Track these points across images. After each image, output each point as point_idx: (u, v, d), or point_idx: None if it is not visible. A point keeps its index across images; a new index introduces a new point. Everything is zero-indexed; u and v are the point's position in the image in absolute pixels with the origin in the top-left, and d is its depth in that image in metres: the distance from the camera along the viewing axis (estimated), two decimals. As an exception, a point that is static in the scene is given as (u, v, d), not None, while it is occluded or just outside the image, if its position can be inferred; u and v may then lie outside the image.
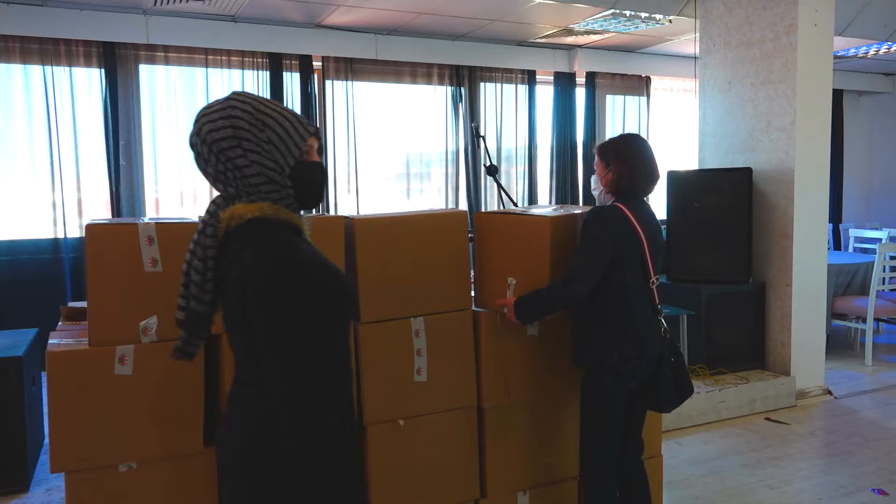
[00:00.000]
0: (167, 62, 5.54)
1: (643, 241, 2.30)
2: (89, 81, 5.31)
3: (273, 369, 1.36)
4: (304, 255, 1.41)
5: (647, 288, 2.34)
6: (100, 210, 5.38)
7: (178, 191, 5.68)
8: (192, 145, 1.47)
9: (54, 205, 5.22)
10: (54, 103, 5.17)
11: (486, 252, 2.51)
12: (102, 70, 5.28)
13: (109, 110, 5.31)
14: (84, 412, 1.93)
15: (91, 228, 1.95)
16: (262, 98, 1.51)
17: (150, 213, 5.56)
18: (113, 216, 5.35)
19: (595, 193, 2.48)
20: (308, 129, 1.50)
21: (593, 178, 2.47)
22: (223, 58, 5.65)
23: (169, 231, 2.00)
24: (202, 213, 1.52)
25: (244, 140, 1.43)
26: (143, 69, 5.49)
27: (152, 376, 1.98)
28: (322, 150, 1.60)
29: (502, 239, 2.46)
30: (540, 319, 2.44)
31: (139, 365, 1.97)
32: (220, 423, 1.53)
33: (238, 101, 1.47)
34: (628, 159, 2.35)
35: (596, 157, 2.44)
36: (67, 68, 5.21)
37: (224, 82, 5.70)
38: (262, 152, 1.44)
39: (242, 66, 5.73)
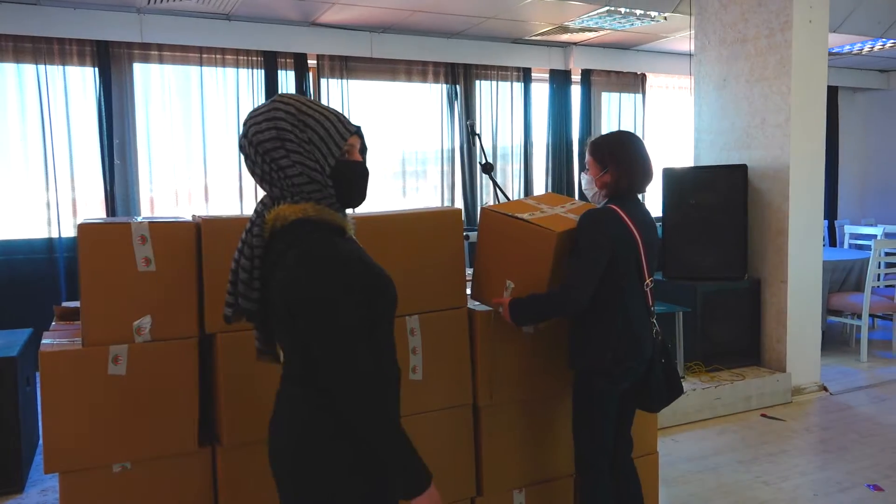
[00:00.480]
0: (161, 61, 5.52)
1: (639, 243, 2.29)
2: (83, 80, 5.29)
3: (326, 363, 1.40)
4: (346, 255, 1.44)
5: (641, 290, 2.34)
6: (94, 210, 5.36)
7: (174, 190, 5.66)
8: (241, 147, 1.53)
9: (48, 204, 5.21)
10: (48, 102, 5.15)
11: (488, 250, 2.42)
12: (96, 69, 5.26)
13: (104, 109, 5.29)
14: (78, 412, 1.92)
15: (83, 228, 1.95)
16: (307, 98, 1.55)
17: (146, 213, 5.55)
18: (108, 216, 5.33)
19: (588, 194, 2.44)
20: (349, 127, 1.53)
21: (585, 179, 2.42)
22: (217, 56, 5.64)
23: (162, 230, 1.99)
24: (252, 214, 1.55)
25: (287, 141, 1.47)
26: (138, 68, 5.47)
27: (146, 376, 1.97)
28: (365, 148, 1.64)
29: (506, 241, 2.38)
30: (535, 324, 2.41)
31: (133, 365, 1.96)
32: (270, 421, 1.58)
33: (281, 103, 1.50)
34: (624, 160, 2.32)
35: (588, 156, 2.39)
36: (61, 67, 5.19)
37: (219, 81, 5.69)
38: (303, 152, 1.48)
39: (237, 65, 5.71)
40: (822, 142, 4.91)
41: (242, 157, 1.54)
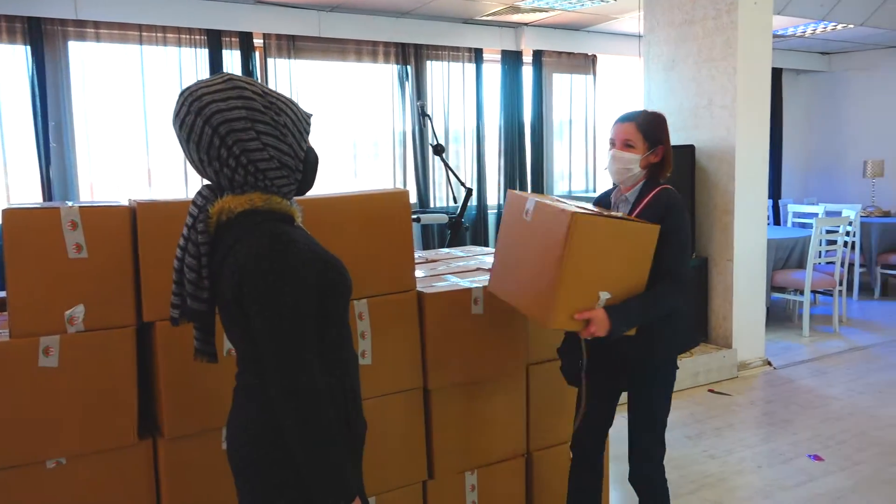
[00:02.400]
0: (98, 39, 5.29)
1: None
2: (14, 59, 5.04)
3: (273, 363, 1.35)
4: (299, 245, 1.38)
5: None
6: (31, 195, 5.14)
7: (115, 174, 5.47)
8: (189, 126, 1.38)
9: (-21, 190, 4.98)
10: (-23, 82, 4.90)
11: (578, 262, 2.00)
12: (28, 47, 5.02)
13: (37, 90, 5.06)
14: (7, 407, 1.83)
15: (8, 213, 1.84)
16: (256, 81, 1.47)
17: (86, 198, 5.34)
18: (44, 200, 5.12)
19: (622, 175, 2.25)
20: (307, 112, 1.50)
21: (620, 156, 2.23)
22: (159, 34, 5.44)
23: (94, 215, 1.90)
24: (190, 207, 1.46)
25: (258, 122, 1.39)
26: (73, 46, 5.24)
27: (80, 368, 1.89)
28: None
29: (600, 246, 2.04)
30: (639, 325, 2.14)
31: (65, 356, 1.87)
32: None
33: (243, 82, 1.41)
34: (669, 144, 2.26)
35: (635, 131, 2.23)
36: (-10, 45, 4.94)
37: (160, 60, 5.49)
38: (278, 136, 1.41)
39: (179, 44, 5.52)
40: (767, 123, 5.01)
41: (182, 137, 1.40)
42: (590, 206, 2.27)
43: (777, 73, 8.70)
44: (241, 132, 1.37)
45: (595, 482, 2.44)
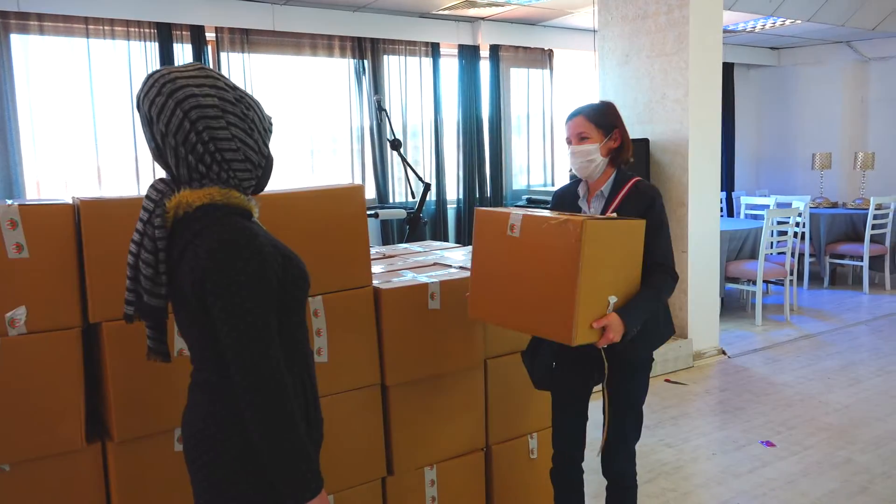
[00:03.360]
0: (42, 31, 5.12)
1: None
2: (-47, 53, 4.86)
3: (238, 358, 1.33)
4: (260, 240, 1.37)
5: None
6: (-27, 193, 4.96)
7: (63, 172, 5.30)
8: (160, 107, 1.35)
9: (-82, 189, 4.78)
10: (-88, 77, 4.70)
11: (589, 270, 1.95)
12: (-33, 40, 4.83)
13: (-22, 84, 4.88)
14: (-55, 414, 1.76)
15: (-57, 213, 1.77)
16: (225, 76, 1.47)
17: (32, 196, 5.18)
18: (-12, 200, 4.94)
19: (586, 169, 2.24)
20: (269, 116, 1.51)
21: (581, 150, 2.22)
22: (106, 28, 5.29)
23: (34, 214, 1.83)
24: (144, 201, 1.43)
25: (228, 113, 1.39)
26: (15, 39, 5.06)
27: (22, 371, 1.82)
28: None
29: (607, 249, 2.01)
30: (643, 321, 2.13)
31: (6, 360, 1.80)
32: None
33: (216, 73, 1.42)
34: (623, 127, 2.27)
35: (586, 123, 2.23)
36: (-74, 38, 4.74)
37: (109, 54, 5.34)
38: (246, 130, 1.42)
39: (128, 37, 5.38)
40: (719, 116, 5.10)
41: (149, 119, 1.37)
42: (547, 212, 2.21)
43: (728, 68, 8.88)
44: (211, 119, 1.37)
45: (579, 482, 2.44)
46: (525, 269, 2.08)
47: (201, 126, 1.36)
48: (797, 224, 6.35)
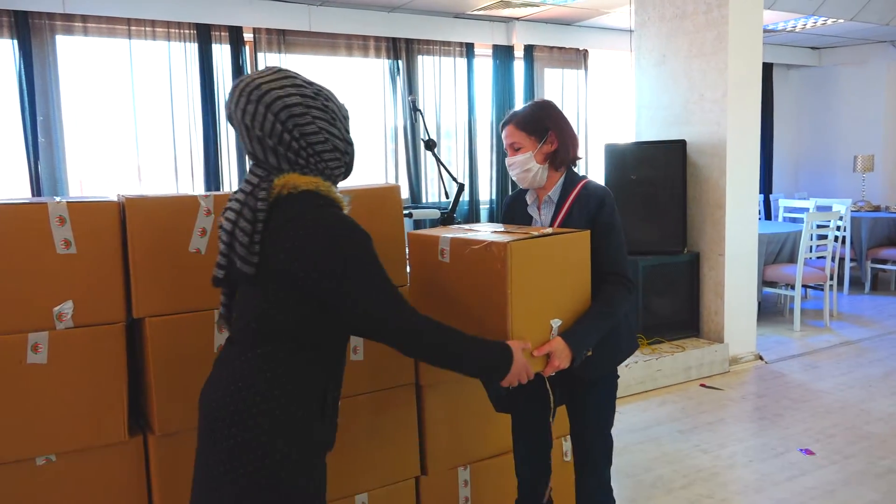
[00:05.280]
0: (86, 33, 5.24)
1: None
2: (1, 54, 4.99)
3: (385, 319, 1.51)
4: (359, 225, 1.52)
5: None
6: (19, 190, 5.09)
7: (104, 169, 5.42)
8: (252, 114, 1.47)
9: (-33, 185, 4.93)
10: (-37, 77, 4.85)
11: (521, 294, 1.79)
12: (15, 41, 4.96)
13: (24, 84, 5.00)
14: (-5, 404, 1.81)
15: (-5, 209, 1.82)
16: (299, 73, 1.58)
17: (75, 193, 5.30)
18: (33, 196, 5.07)
19: (526, 178, 2.10)
20: (344, 104, 1.63)
21: (518, 160, 2.08)
22: (147, 28, 5.39)
23: (82, 211, 1.87)
24: (243, 184, 1.54)
25: (312, 108, 1.51)
26: (61, 40, 5.19)
27: (69, 364, 1.87)
28: None
29: (539, 268, 1.83)
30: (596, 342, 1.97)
31: (54, 353, 1.85)
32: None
33: (293, 73, 1.54)
34: (561, 123, 2.10)
35: (517, 132, 2.09)
36: (-24, 39, 4.88)
37: (150, 55, 5.44)
38: (329, 120, 1.54)
39: (168, 38, 5.48)
40: (758, 117, 5.02)
41: (244, 126, 1.50)
42: (500, 227, 2.09)
43: (768, 68, 8.72)
44: (298, 116, 1.49)
45: None
46: (459, 295, 1.90)
47: (291, 124, 1.48)
48: (838, 228, 6.21)
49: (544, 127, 2.09)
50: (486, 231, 1.98)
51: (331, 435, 1.61)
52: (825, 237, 6.02)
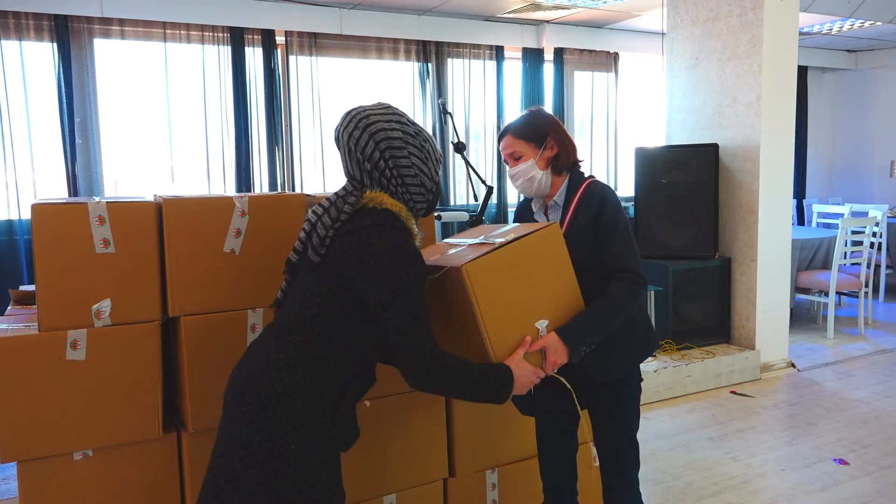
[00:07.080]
0: (123, 36, 5.35)
1: None
2: (41, 56, 5.11)
3: (407, 342, 1.58)
4: (420, 255, 1.64)
5: None
6: (57, 190, 5.21)
7: (139, 170, 5.52)
8: (357, 139, 1.64)
9: (7, 185, 5.04)
10: (4, 79, 4.96)
11: (499, 298, 1.76)
12: (54, 44, 5.08)
13: (63, 86, 5.12)
14: (35, 399, 1.85)
15: (37, 208, 1.86)
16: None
17: (110, 193, 5.40)
18: (70, 196, 5.19)
19: (529, 187, 2.09)
20: (440, 151, 1.80)
21: (520, 169, 2.07)
22: (182, 32, 5.48)
23: (121, 211, 1.91)
24: (340, 190, 1.70)
25: (409, 145, 1.68)
26: (98, 43, 5.30)
27: (106, 361, 1.91)
28: None
29: (521, 271, 1.81)
30: (602, 337, 1.92)
31: (92, 350, 1.89)
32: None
33: (400, 111, 1.72)
34: (559, 129, 2.10)
35: (516, 142, 2.08)
36: (17, 42, 5.00)
37: (184, 57, 5.53)
38: (423, 159, 1.70)
39: (202, 41, 5.56)
40: (792, 121, 4.94)
41: (348, 148, 1.66)
42: (508, 227, 2.03)
43: (802, 71, 8.58)
44: (396, 150, 1.65)
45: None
46: (447, 316, 1.87)
47: (388, 154, 1.65)
48: (873, 234, 6.09)
49: (543, 133, 2.09)
50: (467, 242, 1.93)
51: (343, 433, 1.64)
52: (860, 243, 5.91)
